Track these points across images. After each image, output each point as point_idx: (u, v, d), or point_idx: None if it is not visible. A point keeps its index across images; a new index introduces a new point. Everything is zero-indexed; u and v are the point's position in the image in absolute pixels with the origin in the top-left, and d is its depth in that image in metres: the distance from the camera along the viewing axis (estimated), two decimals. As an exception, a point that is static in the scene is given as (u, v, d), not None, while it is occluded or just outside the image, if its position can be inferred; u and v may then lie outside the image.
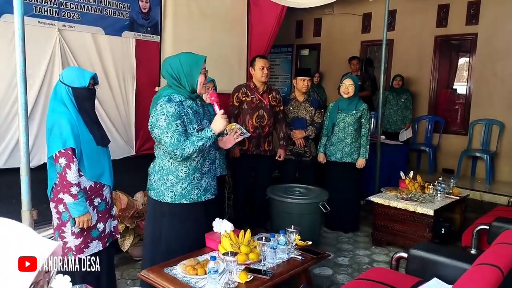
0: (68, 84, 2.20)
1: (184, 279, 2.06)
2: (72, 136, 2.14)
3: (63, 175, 2.14)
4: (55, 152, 2.14)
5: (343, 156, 3.95)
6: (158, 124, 2.19)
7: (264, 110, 3.64)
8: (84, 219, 2.20)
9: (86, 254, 2.26)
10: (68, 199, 2.16)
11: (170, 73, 2.25)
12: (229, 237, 2.37)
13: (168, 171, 2.30)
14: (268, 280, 2.13)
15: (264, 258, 2.30)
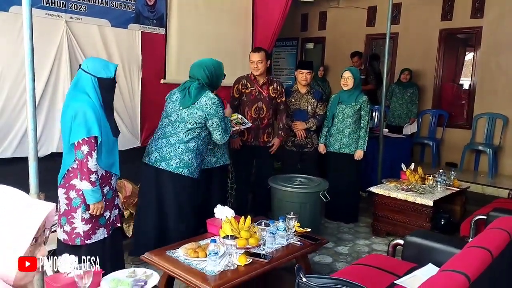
0: (94, 74, 2.26)
1: (185, 261, 2.13)
2: (97, 124, 2.21)
3: (84, 162, 2.19)
4: (79, 139, 2.18)
5: (341, 147, 4.00)
6: (217, 114, 2.71)
7: (263, 102, 3.68)
8: (98, 206, 2.27)
9: (94, 240, 2.33)
10: (86, 185, 2.21)
11: (208, 74, 2.74)
12: (229, 222, 2.43)
13: (202, 151, 2.83)
14: (266, 263, 2.20)
15: (263, 243, 2.37)
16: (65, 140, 2.29)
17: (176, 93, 2.81)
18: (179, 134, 2.70)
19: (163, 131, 2.76)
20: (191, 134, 2.70)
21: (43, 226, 0.95)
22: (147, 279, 1.88)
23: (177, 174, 2.69)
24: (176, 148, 2.69)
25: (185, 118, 2.69)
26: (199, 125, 2.70)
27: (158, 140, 2.75)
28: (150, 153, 2.74)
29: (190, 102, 2.69)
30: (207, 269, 2.04)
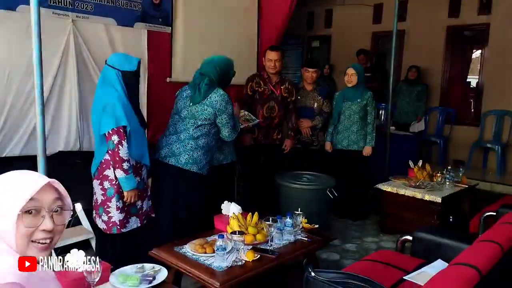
0: (118, 68, 2.40)
1: (193, 257, 2.13)
2: (124, 115, 2.31)
3: (115, 151, 2.30)
4: (109, 129, 2.30)
5: (350, 144, 3.99)
6: (227, 111, 2.72)
7: (275, 101, 3.68)
8: (133, 193, 2.38)
9: (128, 229, 2.44)
10: (120, 174, 2.32)
11: (218, 71, 2.74)
12: (237, 218, 2.43)
13: (212, 148, 2.83)
14: (274, 259, 2.19)
15: (271, 239, 2.36)
16: (96, 133, 2.41)
17: (186, 89, 2.83)
18: (189, 130, 2.72)
19: (174, 127, 2.78)
20: (200, 130, 2.71)
21: (53, 200, 0.97)
22: (155, 274, 1.88)
23: (186, 170, 2.70)
24: (185, 144, 2.71)
25: (195, 114, 2.70)
26: (209, 122, 2.71)
27: (169, 136, 2.78)
28: (160, 149, 2.77)
29: (200, 98, 2.70)
30: (215, 265, 2.04)
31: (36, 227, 0.94)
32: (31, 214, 0.93)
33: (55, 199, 0.98)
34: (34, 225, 0.94)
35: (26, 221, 0.92)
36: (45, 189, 0.96)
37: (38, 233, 0.95)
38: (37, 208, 0.94)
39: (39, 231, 0.95)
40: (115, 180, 2.38)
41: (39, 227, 0.94)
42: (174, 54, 5.17)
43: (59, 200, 0.99)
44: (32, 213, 0.93)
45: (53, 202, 0.97)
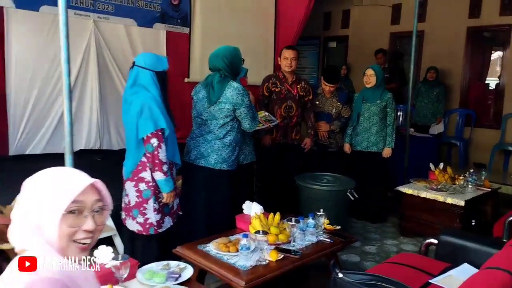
0: (152, 69, 2.36)
1: (217, 255, 2.13)
2: (162, 117, 2.30)
3: (155, 154, 2.28)
4: (147, 133, 2.27)
5: (369, 146, 3.95)
6: (244, 103, 2.68)
7: (293, 100, 3.66)
8: (171, 195, 2.38)
9: (163, 228, 2.45)
10: (160, 176, 2.31)
11: (226, 63, 2.67)
12: (259, 218, 2.42)
13: (239, 142, 2.83)
14: (297, 259, 2.18)
15: (293, 240, 2.35)
16: (131, 136, 2.36)
17: (201, 90, 2.81)
18: (214, 131, 2.72)
19: (198, 130, 2.79)
20: (225, 129, 2.72)
21: (95, 200, 0.97)
22: (181, 271, 1.89)
23: (217, 170, 2.72)
24: (213, 145, 2.72)
25: (215, 115, 2.70)
26: (230, 118, 2.71)
27: (196, 139, 2.78)
28: (189, 151, 2.78)
29: (215, 97, 2.68)
30: (239, 264, 2.04)
31: (78, 227, 0.95)
32: (74, 214, 0.94)
33: (97, 199, 0.99)
34: (76, 225, 0.94)
35: (69, 221, 0.93)
36: (88, 189, 0.96)
37: (80, 233, 0.96)
38: (80, 209, 0.95)
39: (81, 231, 0.95)
40: (152, 182, 2.36)
41: (81, 227, 0.95)
42: (192, 55, 5.21)
43: (100, 201, 1.00)
44: (75, 213, 0.94)
45: (95, 203, 0.98)
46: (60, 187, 0.94)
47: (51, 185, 0.94)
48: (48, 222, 0.91)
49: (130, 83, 2.39)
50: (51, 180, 0.96)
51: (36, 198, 0.93)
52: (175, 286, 1.76)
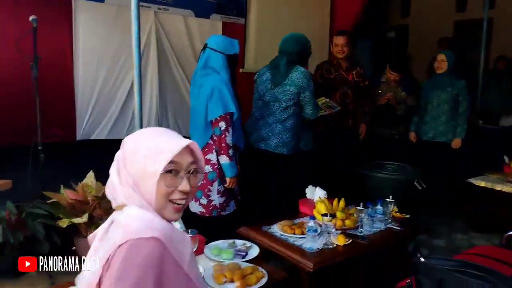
0: (224, 52, 2.34)
1: (282, 237, 2.08)
2: (231, 101, 2.28)
3: (222, 137, 2.28)
4: (216, 116, 2.27)
5: (436, 136, 3.72)
6: (309, 88, 2.66)
7: (348, 86, 3.53)
8: (235, 179, 2.36)
9: (227, 212, 2.43)
10: (225, 160, 2.30)
11: (299, 47, 2.67)
12: (324, 203, 2.34)
13: (299, 128, 2.77)
14: (366, 245, 2.07)
15: (360, 226, 2.24)
16: (199, 118, 2.36)
17: (265, 72, 2.77)
18: (275, 114, 2.67)
19: (259, 113, 2.75)
20: (287, 112, 2.66)
21: (190, 162, 0.96)
22: (247, 250, 1.85)
23: (276, 154, 2.65)
24: (273, 128, 2.67)
25: (278, 96, 2.64)
26: (293, 101, 2.65)
27: (256, 121, 2.75)
28: (249, 135, 2.74)
29: (281, 79, 2.64)
30: (306, 246, 1.97)
31: (175, 187, 0.94)
32: (171, 174, 0.93)
33: (192, 161, 0.98)
34: (173, 185, 0.93)
35: (167, 180, 0.92)
36: (184, 150, 0.96)
37: (176, 193, 0.95)
38: (176, 169, 0.94)
39: (177, 191, 0.94)
40: (218, 165, 2.35)
41: (177, 188, 0.94)
42: (247, 45, 5.19)
43: (194, 163, 0.99)
44: (172, 173, 0.93)
45: (190, 165, 0.97)
46: (159, 146, 0.93)
47: (151, 143, 0.94)
48: (147, 180, 0.91)
49: (201, 65, 2.38)
50: (151, 139, 0.95)
51: (135, 156, 0.93)
52: (243, 263, 1.72)
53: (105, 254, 0.88)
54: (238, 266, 1.67)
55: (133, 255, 0.84)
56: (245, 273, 1.62)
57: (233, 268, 1.65)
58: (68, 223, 2.45)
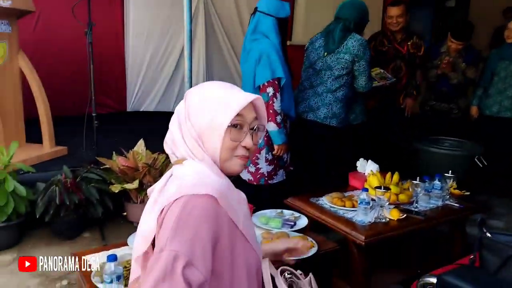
0: (274, 15, 2.26)
1: (331, 209, 2.01)
2: (280, 66, 2.21)
3: (270, 103, 2.22)
4: (264, 81, 2.21)
5: (501, 111, 3.43)
6: (365, 57, 2.50)
7: (402, 60, 3.30)
8: (283, 147, 2.30)
9: (275, 181, 2.38)
10: (273, 127, 2.25)
11: (358, 14, 2.53)
12: (376, 176, 2.23)
13: (350, 100, 2.66)
14: (422, 221, 1.96)
15: (415, 201, 2.12)
16: (248, 84, 2.30)
17: (318, 39, 2.64)
18: (326, 83, 2.55)
19: (308, 82, 2.64)
20: (338, 82, 2.54)
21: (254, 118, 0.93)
22: (295, 220, 1.80)
23: (325, 125, 2.57)
24: (323, 98, 2.56)
25: (330, 64, 2.52)
26: (347, 71, 2.51)
27: (304, 91, 2.65)
28: (297, 104, 2.65)
29: (335, 46, 2.51)
30: (357, 219, 1.88)
31: (239, 142, 0.90)
32: (236, 128, 0.90)
33: (255, 117, 0.94)
34: (238, 139, 0.90)
35: (232, 134, 0.89)
36: (249, 106, 0.92)
37: (239, 148, 0.91)
38: (241, 124, 0.90)
39: (240, 147, 0.91)
40: (266, 132, 2.28)
41: (241, 143, 0.91)
42: (295, 18, 5.04)
43: (257, 120, 0.95)
44: (237, 127, 0.90)
45: (253, 121, 0.94)
46: (226, 98, 0.89)
47: (218, 95, 0.90)
48: (213, 132, 0.88)
49: (251, 30, 2.30)
50: (217, 91, 0.91)
51: (201, 108, 0.90)
52: (291, 232, 1.68)
53: (160, 207, 0.86)
54: (287, 235, 1.63)
55: (188, 211, 0.81)
56: (294, 241, 1.57)
57: (282, 236, 1.60)
58: (119, 188, 2.52)
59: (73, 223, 2.50)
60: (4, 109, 2.77)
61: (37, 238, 2.52)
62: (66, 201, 2.35)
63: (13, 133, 2.87)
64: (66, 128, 3.35)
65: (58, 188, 2.38)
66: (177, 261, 0.74)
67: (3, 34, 2.76)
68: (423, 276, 1.45)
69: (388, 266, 2.15)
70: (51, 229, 2.52)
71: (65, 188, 2.39)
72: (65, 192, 2.37)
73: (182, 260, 0.74)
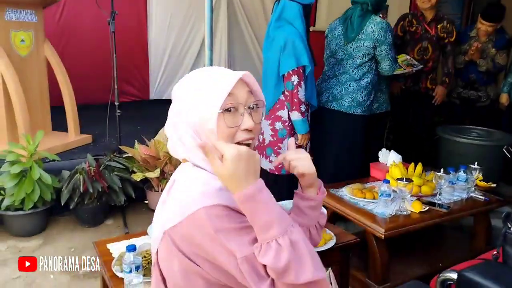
0: (299, 1, 2.23)
1: (351, 200, 1.98)
2: (306, 53, 2.18)
3: (294, 92, 2.19)
4: (289, 70, 2.18)
5: (533, 99, 3.28)
6: (387, 41, 2.43)
7: (429, 41, 3.18)
8: (306, 136, 2.29)
9: None
10: (297, 116, 2.22)
11: None
12: (398, 167, 2.18)
13: (375, 85, 2.60)
14: (445, 214, 1.91)
15: (439, 193, 2.07)
16: (271, 73, 2.28)
17: (337, 27, 2.57)
18: (349, 72, 2.51)
19: (331, 71, 2.59)
20: (361, 70, 2.48)
21: (248, 95, 0.86)
22: (314, 212, 1.79)
23: (349, 114, 2.53)
24: (347, 87, 2.52)
25: (351, 53, 2.46)
26: (369, 57, 2.45)
27: (327, 80, 2.61)
28: (320, 94, 2.61)
29: (354, 33, 2.44)
30: (378, 211, 1.86)
31: (237, 126, 0.84)
32: (230, 112, 0.83)
33: (249, 94, 0.86)
34: (235, 123, 0.83)
35: (228, 120, 0.82)
36: (240, 85, 0.85)
37: (240, 133, 0.84)
38: (235, 105, 0.83)
39: (241, 131, 0.84)
40: (289, 122, 2.28)
41: (240, 127, 0.84)
42: (319, 4, 4.94)
43: (252, 96, 0.88)
44: (231, 111, 0.83)
45: (248, 98, 0.86)
46: (212, 83, 0.83)
47: (202, 83, 0.84)
48: (206, 124, 0.82)
49: (275, 17, 2.27)
50: (200, 79, 0.86)
51: (188, 101, 0.84)
52: (309, 224, 1.66)
53: (164, 223, 0.84)
54: (305, 227, 1.62)
55: (200, 225, 0.77)
56: (312, 234, 1.56)
57: (300, 228, 1.60)
58: (141, 176, 2.56)
59: (97, 211, 2.56)
60: (30, 98, 2.84)
61: (62, 225, 2.60)
62: (90, 189, 2.41)
63: (40, 122, 2.95)
64: (91, 117, 3.42)
65: (82, 176, 2.44)
66: (250, 260, 0.75)
67: (29, 24, 2.82)
68: (444, 272, 1.42)
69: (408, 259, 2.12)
70: (76, 216, 2.59)
71: (88, 176, 2.44)
72: (89, 180, 2.43)
73: (253, 257, 0.75)
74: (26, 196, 2.30)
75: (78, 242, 2.41)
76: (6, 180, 2.27)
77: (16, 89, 2.61)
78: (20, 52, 2.78)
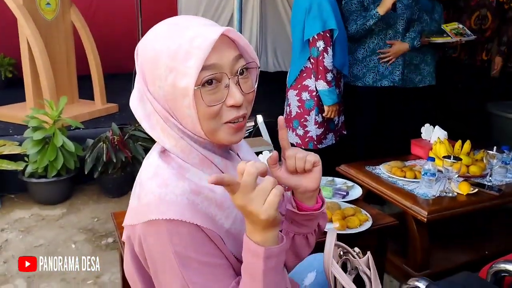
0: None
1: (389, 179, 1.81)
2: (333, 16, 1.97)
3: (319, 59, 2.00)
4: (314, 34, 1.98)
5: None
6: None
7: (488, 8, 2.87)
8: (333, 108, 2.08)
9: (324, 145, 2.18)
10: (323, 85, 2.03)
11: None
12: (444, 145, 1.97)
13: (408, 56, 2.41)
14: (496, 197, 1.71)
15: (489, 174, 1.85)
16: (297, 38, 2.10)
17: None
18: None
19: None
20: None
21: (234, 58, 0.65)
22: (348, 190, 1.63)
23: (376, 88, 2.33)
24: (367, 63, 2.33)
25: None
26: None
27: None
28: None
29: None
30: (419, 192, 1.68)
31: (221, 103, 0.64)
32: (210, 86, 0.63)
33: (236, 56, 0.65)
34: (218, 100, 0.63)
35: (206, 96, 0.62)
36: (222, 44, 0.63)
37: (226, 112, 0.65)
38: (216, 76, 0.63)
39: (226, 108, 0.65)
40: (316, 92, 2.08)
41: (225, 103, 0.64)
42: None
43: (241, 58, 0.66)
44: (212, 83, 0.63)
45: (235, 61, 0.65)
46: (183, 46, 0.61)
47: (171, 44, 0.63)
48: (181, 102, 0.63)
49: None
50: (168, 37, 0.63)
51: (155, 69, 0.64)
52: (342, 203, 1.51)
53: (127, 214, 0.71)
54: (338, 206, 1.47)
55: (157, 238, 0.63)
56: (346, 214, 1.41)
57: (332, 207, 1.45)
58: (165, 147, 2.47)
59: (121, 181, 2.50)
60: (57, 63, 2.78)
61: (86, 194, 2.56)
62: (113, 158, 2.33)
63: (66, 89, 2.89)
64: (117, 86, 3.35)
65: (106, 145, 2.36)
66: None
67: (55, -13, 2.74)
68: (498, 262, 1.24)
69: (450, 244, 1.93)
70: (100, 186, 2.54)
71: (112, 145, 2.37)
72: (112, 149, 2.35)
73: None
74: (50, 163, 2.26)
75: (102, 212, 2.36)
76: (29, 147, 2.22)
77: (41, 53, 2.55)
78: (46, 15, 2.71)
